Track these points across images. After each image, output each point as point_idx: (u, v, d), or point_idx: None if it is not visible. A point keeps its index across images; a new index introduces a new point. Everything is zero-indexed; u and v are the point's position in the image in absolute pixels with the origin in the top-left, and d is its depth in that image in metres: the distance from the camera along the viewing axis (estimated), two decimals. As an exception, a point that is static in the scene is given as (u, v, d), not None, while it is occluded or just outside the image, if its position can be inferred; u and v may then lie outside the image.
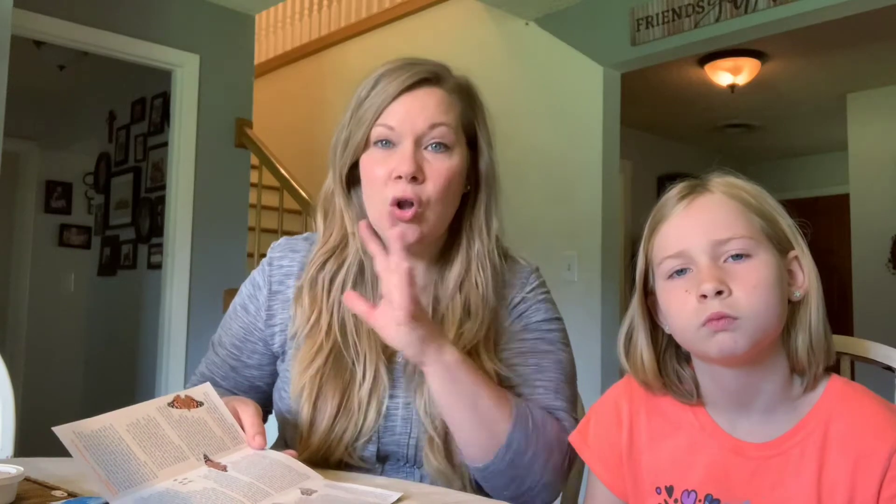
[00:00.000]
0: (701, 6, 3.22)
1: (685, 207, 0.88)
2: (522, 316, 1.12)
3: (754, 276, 0.83)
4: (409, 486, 0.94)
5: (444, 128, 1.03)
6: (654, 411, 0.93)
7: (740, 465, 0.86)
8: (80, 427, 0.79)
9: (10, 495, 0.78)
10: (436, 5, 4.33)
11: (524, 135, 3.79)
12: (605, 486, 0.95)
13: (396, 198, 1.01)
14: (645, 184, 6.35)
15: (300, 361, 1.07)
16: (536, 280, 1.15)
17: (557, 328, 1.14)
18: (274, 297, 1.15)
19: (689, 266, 0.85)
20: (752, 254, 0.84)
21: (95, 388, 4.50)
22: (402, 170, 1.01)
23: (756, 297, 0.82)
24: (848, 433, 0.82)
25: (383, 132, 1.04)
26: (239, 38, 3.91)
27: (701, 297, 0.82)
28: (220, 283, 3.67)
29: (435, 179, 1.02)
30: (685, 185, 0.90)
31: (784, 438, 0.85)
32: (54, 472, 0.88)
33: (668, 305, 0.87)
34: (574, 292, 3.56)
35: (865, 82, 5.16)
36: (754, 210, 0.87)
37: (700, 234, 0.85)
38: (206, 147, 3.73)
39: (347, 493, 0.85)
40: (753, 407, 0.87)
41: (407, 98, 1.04)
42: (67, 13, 3.36)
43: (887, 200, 5.15)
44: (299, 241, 1.19)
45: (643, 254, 0.91)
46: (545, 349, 1.11)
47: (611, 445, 0.94)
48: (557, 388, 1.09)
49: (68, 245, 5.23)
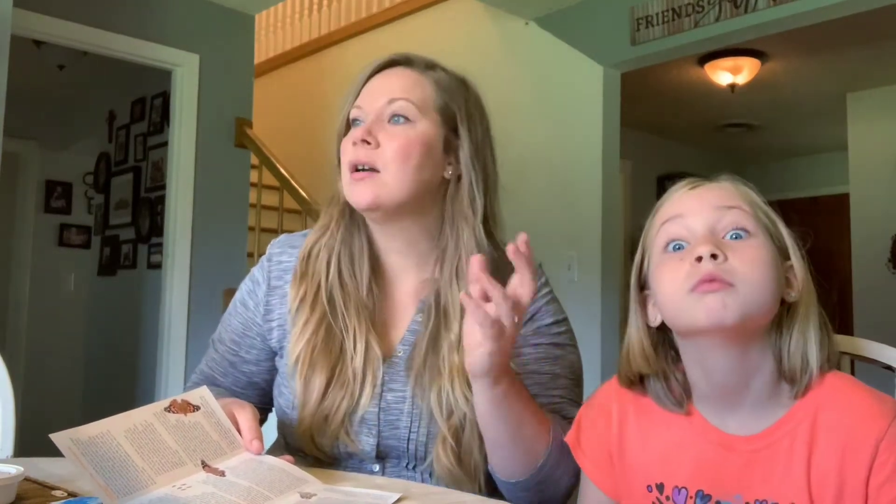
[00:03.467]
0: (701, 6, 3.22)
1: (690, 188, 0.89)
2: (534, 318, 1.12)
3: (752, 252, 0.83)
4: (409, 486, 0.94)
5: (402, 102, 1.08)
6: (643, 409, 0.93)
7: (730, 460, 0.85)
8: (77, 434, 0.78)
9: (9, 495, 0.78)
10: (435, 5, 4.33)
11: (524, 135, 3.79)
12: (596, 487, 0.95)
13: (350, 161, 1.07)
14: (645, 184, 6.35)
15: (293, 335, 1.09)
16: (542, 278, 1.15)
17: (566, 329, 1.15)
18: (272, 293, 1.16)
19: (685, 237, 0.85)
20: (753, 233, 0.84)
21: (95, 388, 4.50)
22: (355, 135, 1.07)
23: (752, 268, 0.81)
24: (836, 422, 0.81)
25: (354, 112, 1.12)
26: (239, 38, 3.91)
27: (696, 259, 0.81)
28: (220, 283, 3.67)
29: (389, 143, 1.06)
30: (688, 180, 0.91)
31: (772, 430, 0.84)
32: (54, 471, 0.88)
33: (661, 278, 0.86)
34: (574, 292, 3.56)
35: (865, 82, 5.16)
36: (759, 207, 0.87)
37: (704, 202, 0.86)
38: (205, 147, 3.73)
39: (346, 496, 0.85)
40: (742, 402, 0.86)
41: (375, 80, 1.12)
42: (67, 13, 3.36)
43: (887, 200, 5.15)
44: (298, 237, 1.20)
45: (641, 242, 0.91)
46: (558, 354, 1.12)
47: (601, 445, 0.94)
48: (571, 395, 1.11)
49: (68, 245, 5.23)
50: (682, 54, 3.59)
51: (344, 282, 1.11)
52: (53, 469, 0.90)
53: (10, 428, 1.22)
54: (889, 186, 5.14)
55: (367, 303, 1.10)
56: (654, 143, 6.39)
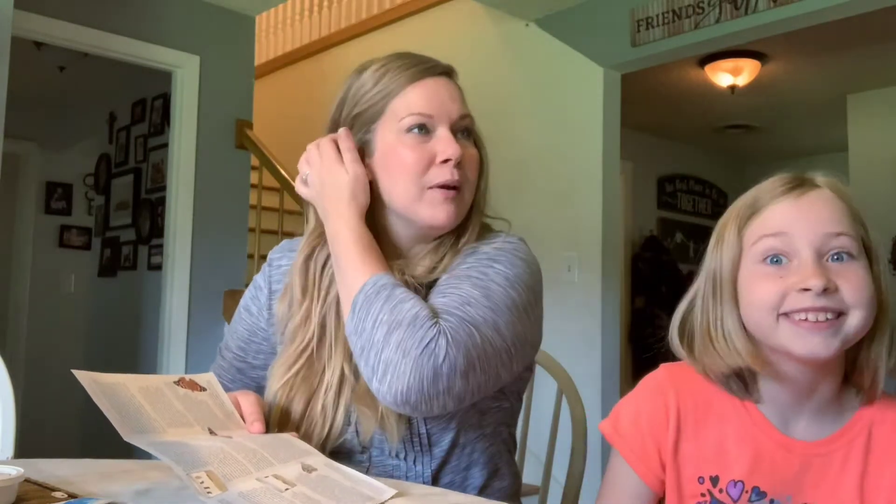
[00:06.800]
0: (701, 7, 3.22)
1: (795, 197, 0.85)
2: (476, 252, 1.04)
3: (858, 278, 0.81)
4: (408, 487, 0.94)
5: (469, 119, 1.08)
6: (702, 401, 0.92)
7: (787, 461, 0.87)
8: (97, 376, 0.83)
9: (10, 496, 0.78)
10: (436, 6, 4.33)
11: (524, 136, 3.79)
12: (636, 475, 0.92)
13: (445, 181, 1.02)
14: (645, 185, 6.35)
15: (279, 366, 1.07)
16: (509, 239, 1.08)
17: (511, 274, 1.00)
18: (274, 297, 1.16)
19: (787, 253, 0.83)
20: (856, 256, 0.83)
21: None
22: (450, 152, 1.02)
23: (860, 297, 0.80)
24: (891, 438, 0.84)
25: (418, 120, 1.03)
26: (239, 40, 3.91)
27: (803, 290, 0.80)
28: (221, 285, 3.67)
29: (469, 164, 1.06)
30: (789, 176, 0.88)
31: (832, 439, 0.86)
32: (54, 473, 0.88)
33: (752, 289, 0.84)
34: (574, 293, 3.56)
35: (865, 83, 5.16)
36: (856, 216, 0.86)
37: (810, 224, 0.83)
38: (206, 148, 3.73)
39: (346, 478, 0.86)
40: (806, 406, 0.87)
41: (431, 85, 1.05)
42: (68, 14, 3.36)
43: (887, 201, 5.14)
44: (299, 242, 1.19)
45: (735, 241, 0.87)
46: (476, 276, 0.99)
47: (652, 435, 0.92)
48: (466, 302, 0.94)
49: (69, 246, 5.23)
50: (682, 56, 3.59)
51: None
52: (53, 470, 0.90)
53: (11, 429, 1.22)
54: (889, 187, 5.14)
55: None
56: (654, 145, 6.38)
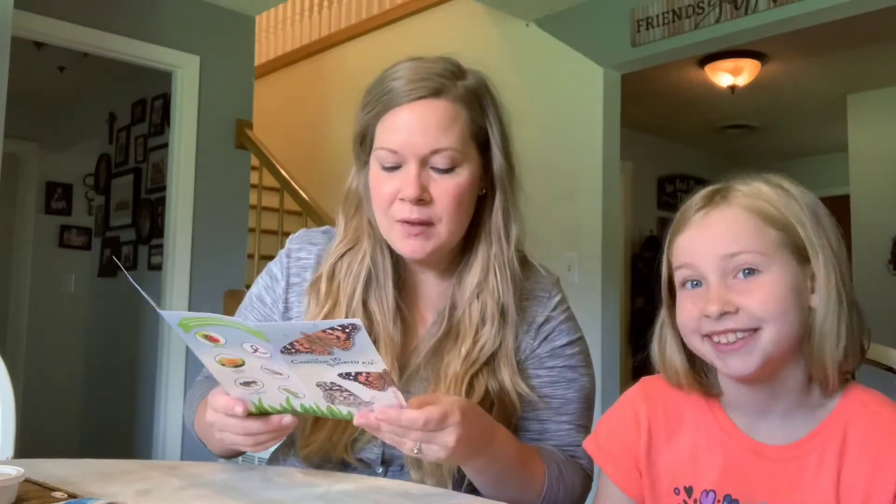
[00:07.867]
0: (701, 7, 3.22)
1: (701, 218, 0.88)
2: (549, 339, 1.11)
3: (766, 291, 0.82)
4: (409, 487, 0.94)
5: (446, 152, 1.01)
6: (673, 412, 0.93)
7: (759, 467, 0.86)
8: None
9: (10, 496, 0.78)
10: (436, 6, 4.33)
11: (524, 136, 3.75)
12: (618, 489, 0.94)
13: (405, 218, 1.01)
14: (645, 185, 6.35)
15: None
16: (559, 295, 1.14)
17: (581, 350, 1.14)
18: (291, 289, 1.15)
19: (698, 278, 0.86)
20: (763, 269, 0.83)
21: (96, 390, 4.49)
22: (407, 193, 1.00)
23: (768, 309, 0.82)
24: (866, 439, 0.83)
25: (386, 156, 1.02)
26: (239, 40, 3.91)
27: (705, 316, 0.83)
28: (221, 285, 3.67)
29: (441, 199, 1.01)
30: (707, 192, 0.90)
31: (803, 442, 0.85)
32: (54, 473, 0.88)
33: (680, 309, 0.88)
34: (574, 293, 3.53)
35: (865, 83, 5.16)
36: (772, 221, 0.85)
37: (710, 248, 0.85)
38: (206, 148, 3.73)
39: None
40: (772, 411, 0.87)
41: (405, 114, 1.01)
42: (68, 14, 3.36)
43: (887, 201, 5.15)
44: (318, 233, 1.19)
45: (666, 258, 0.92)
46: (571, 377, 1.12)
47: (626, 448, 0.94)
48: (581, 420, 1.11)
49: (68, 246, 5.23)
50: (682, 56, 3.60)
51: (370, 310, 1.07)
52: (54, 470, 0.90)
53: (11, 429, 1.22)
54: (889, 187, 5.14)
55: (394, 333, 1.06)
56: (654, 145, 6.39)
